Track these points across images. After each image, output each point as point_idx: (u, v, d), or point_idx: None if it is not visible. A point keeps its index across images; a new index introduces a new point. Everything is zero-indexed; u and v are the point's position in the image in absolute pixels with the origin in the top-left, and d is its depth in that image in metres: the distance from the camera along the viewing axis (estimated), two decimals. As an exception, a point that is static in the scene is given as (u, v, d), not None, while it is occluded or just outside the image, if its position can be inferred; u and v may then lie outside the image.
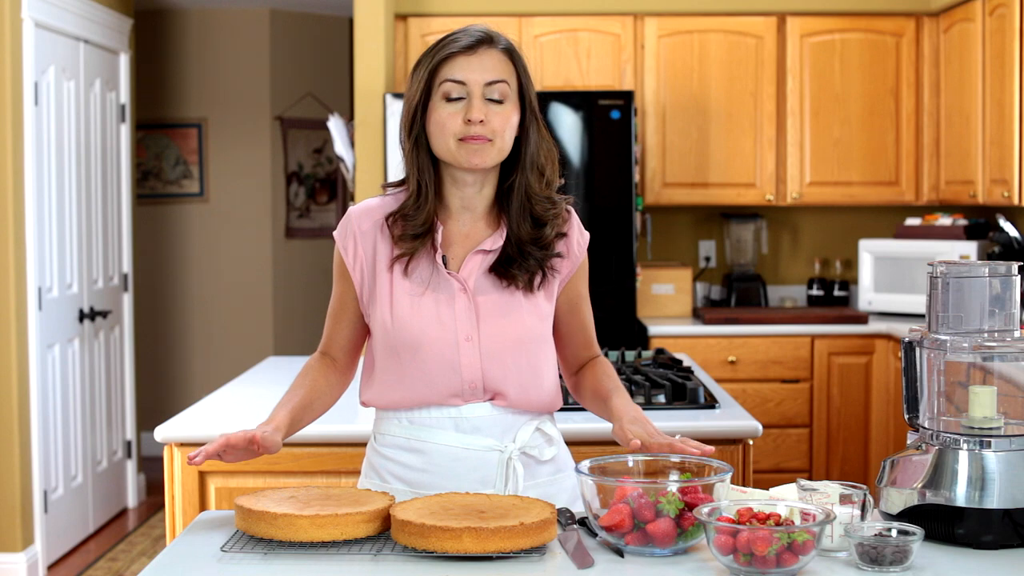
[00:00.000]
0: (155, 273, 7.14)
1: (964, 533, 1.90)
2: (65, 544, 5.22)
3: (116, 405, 5.91)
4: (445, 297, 2.10)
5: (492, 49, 2.07)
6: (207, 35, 7.11)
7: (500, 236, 2.12)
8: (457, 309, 2.09)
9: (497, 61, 2.07)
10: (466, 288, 2.10)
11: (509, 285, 2.12)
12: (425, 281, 2.10)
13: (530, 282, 2.12)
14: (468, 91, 2.04)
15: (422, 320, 2.09)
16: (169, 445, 2.98)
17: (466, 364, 2.09)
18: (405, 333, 2.09)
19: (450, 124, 2.04)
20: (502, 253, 2.12)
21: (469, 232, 2.14)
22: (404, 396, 2.12)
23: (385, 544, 1.89)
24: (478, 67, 2.05)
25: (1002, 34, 4.77)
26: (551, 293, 2.17)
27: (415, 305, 2.09)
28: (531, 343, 2.13)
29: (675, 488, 1.85)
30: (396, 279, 2.11)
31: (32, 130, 4.86)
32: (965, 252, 5.22)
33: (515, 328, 2.11)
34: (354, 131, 5.19)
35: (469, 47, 2.05)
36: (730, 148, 5.54)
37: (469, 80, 2.04)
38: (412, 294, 2.10)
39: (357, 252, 2.14)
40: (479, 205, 2.14)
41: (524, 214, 2.12)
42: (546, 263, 2.13)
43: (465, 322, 2.09)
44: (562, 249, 2.16)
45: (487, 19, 5.39)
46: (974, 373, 2.01)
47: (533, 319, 2.13)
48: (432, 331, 2.08)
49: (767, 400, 5.23)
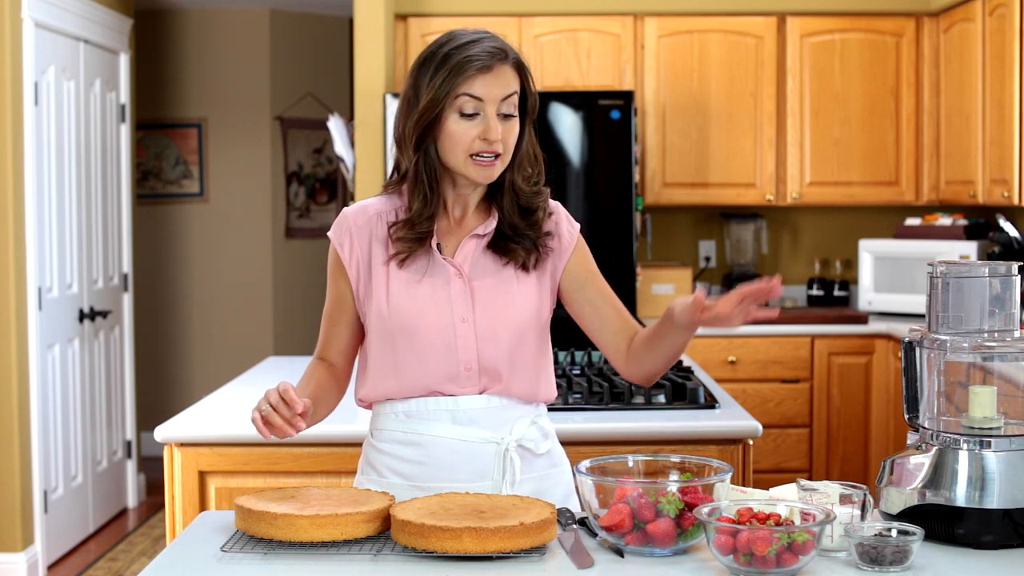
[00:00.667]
0: (155, 273, 7.14)
1: (964, 533, 1.90)
2: (65, 544, 5.22)
3: (116, 405, 5.91)
4: (441, 282, 2.13)
5: (505, 64, 2.09)
6: (207, 35, 7.11)
7: (492, 221, 2.17)
8: (453, 293, 2.13)
9: (509, 76, 2.09)
10: (461, 273, 2.14)
11: (508, 263, 2.16)
12: (421, 269, 2.14)
13: (527, 258, 2.16)
14: (483, 107, 2.07)
15: (418, 304, 2.12)
16: (169, 445, 2.98)
17: (462, 346, 2.11)
18: (401, 318, 2.11)
19: (464, 139, 2.07)
20: (497, 233, 2.16)
21: (461, 220, 2.18)
22: (399, 384, 2.14)
23: (385, 544, 1.89)
24: (495, 84, 2.07)
25: (1002, 34, 4.77)
26: (544, 279, 2.19)
27: (411, 291, 2.13)
28: (526, 327, 2.15)
29: (675, 488, 1.85)
30: (392, 271, 2.14)
31: (32, 130, 4.86)
32: (965, 252, 5.22)
33: (510, 310, 2.14)
34: (354, 131, 5.19)
35: (487, 66, 2.06)
36: (730, 148, 5.54)
37: (486, 97, 2.06)
38: (409, 282, 2.13)
39: (353, 248, 2.16)
40: (473, 199, 2.18)
41: (512, 204, 2.16)
42: (539, 242, 2.17)
43: (461, 305, 2.12)
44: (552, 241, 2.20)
45: (487, 19, 5.39)
46: (974, 373, 2.01)
47: (527, 303, 2.16)
48: (428, 314, 2.11)
49: (767, 400, 5.23)
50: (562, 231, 2.21)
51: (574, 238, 2.22)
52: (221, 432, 2.98)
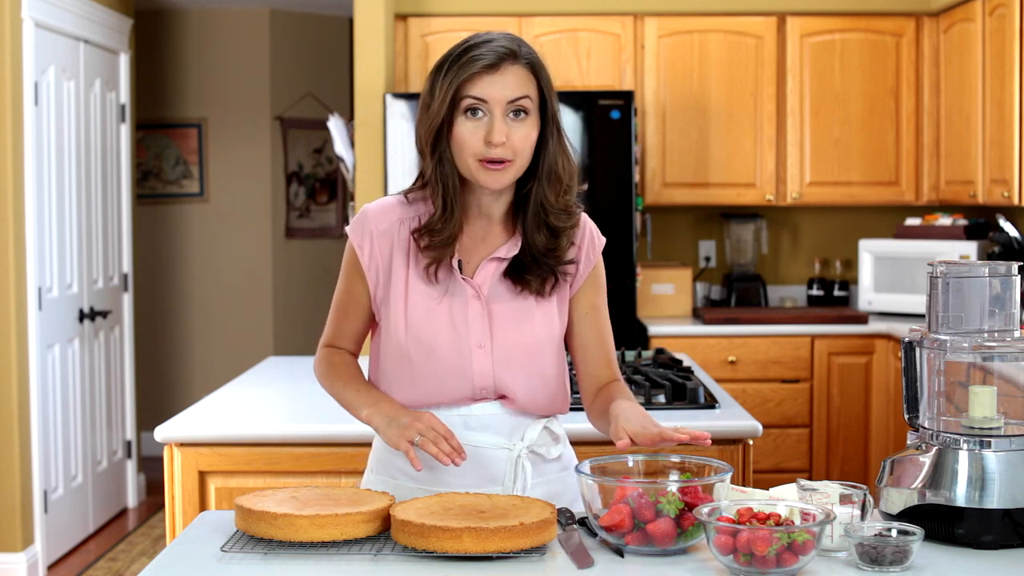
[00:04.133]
0: (155, 273, 7.14)
1: (964, 533, 1.90)
2: (65, 544, 5.22)
3: (116, 405, 5.91)
4: (459, 302, 2.10)
5: (515, 65, 2.03)
6: (207, 35, 7.11)
7: (515, 244, 2.12)
8: (470, 315, 2.10)
9: (520, 77, 2.04)
10: (480, 295, 2.11)
11: (523, 291, 2.12)
12: (441, 287, 2.10)
13: (542, 287, 2.12)
14: (489, 109, 2.02)
15: (436, 325, 2.09)
16: (169, 445, 2.98)
17: (478, 371, 2.10)
18: (419, 337, 2.09)
19: (470, 142, 2.02)
20: (516, 260, 2.12)
21: (485, 237, 2.14)
22: (414, 397, 2.13)
23: (385, 544, 1.89)
24: (500, 85, 2.01)
25: (1002, 34, 4.77)
26: (564, 298, 2.17)
27: (429, 309, 2.10)
28: (543, 350, 2.14)
29: (675, 488, 1.85)
30: (412, 281, 2.11)
31: (32, 130, 4.86)
32: (965, 252, 5.22)
33: (528, 336, 2.12)
34: (354, 131, 5.19)
35: (492, 65, 2.01)
36: (730, 148, 5.54)
37: (491, 98, 2.01)
38: (427, 298, 2.10)
39: (373, 252, 2.13)
40: (496, 211, 2.13)
41: (539, 224, 2.10)
42: (558, 269, 2.13)
43: (478, 329, 2.10)
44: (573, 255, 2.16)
45: (487, 19, 5.39)
46: (974, 373, 2.01)
47: (546, 326, 2.14)
48: (445, 336, 2.09)
49: (767, 400, 5.23)
50: (582, 254, 2.17)
51: (591, 264, 2.19)
52: (221, 432, 2.98)
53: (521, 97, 2.03)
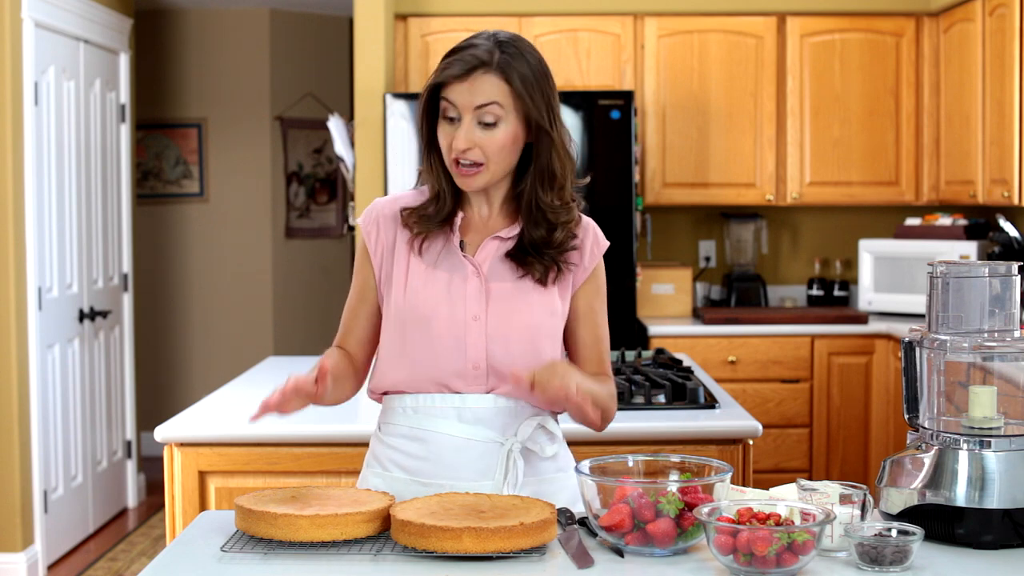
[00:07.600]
0: (155, 273, 7.14)
1: (964, 533, 1.90)
2: (65, 544, 5.22)
3: (116, 405, 5.91)
4: (458, 277, 2.15)
5: (486, 74, 2.07)
6: (207, 35, 7.11)
7: (517, 226, 2.17)
8: (468, 289, 2.14)
9: (489, 84, 2.07)
10: (479, 272, 2.14)
11: (525, 275, 2.15)
12: (441, 264, 2.16)
13: (544, 275, 2.15)
14: (459, 114, 2.09)
15: (433, 295, 2.13)
16: (169, 445, 2.98)
17: (471, 343, 2.12)
18: (416, 307, 2.13)
19: (444, 144, 2.11)
20: (518, 243, 2.16)
21: (487, 220, 2.19)
22: (408, 374, 2.15)
23: (385, 544, 1.89)
24: (467, 93, 2.07)
25: (1002, 34, 4.77)
26: (566, 290, 2.19)
27: (428, 282, 2.15)
28: (539, 333, 2.15)
29: (675, 488, 1.85)
30: (413, 260, 2.17)
31: (32, 130, 4.86)
32: (965, 252, 5.22)
33: (523, 315, 2.14)
34: (354, 131, 5.19)
35: (461, 75, 2.07)
36: (730, 148, 5.54)
37: (460, 104, 2.08)
38: (427, 273, 2.15)
39: (380, 236, 2.20)
40: (496, 197, 2.19)
41: (536, 218, 2.15)
42: (560, 258, 2.16)
43: (474, 302, 2.13)
44: (575, 257, 2.19)
45: (487, 19, 5.38)
46: (974, 373, 2.01)
47: (543, 311, 2.15)
48: (442, 307, 2.13)
49: (767, 400, 5.23)
50: (585, 251, 2.20)
51: (595, 261, 2.22)
52: (221, 432, 2.98)
53: (488, 104, 2.07)
